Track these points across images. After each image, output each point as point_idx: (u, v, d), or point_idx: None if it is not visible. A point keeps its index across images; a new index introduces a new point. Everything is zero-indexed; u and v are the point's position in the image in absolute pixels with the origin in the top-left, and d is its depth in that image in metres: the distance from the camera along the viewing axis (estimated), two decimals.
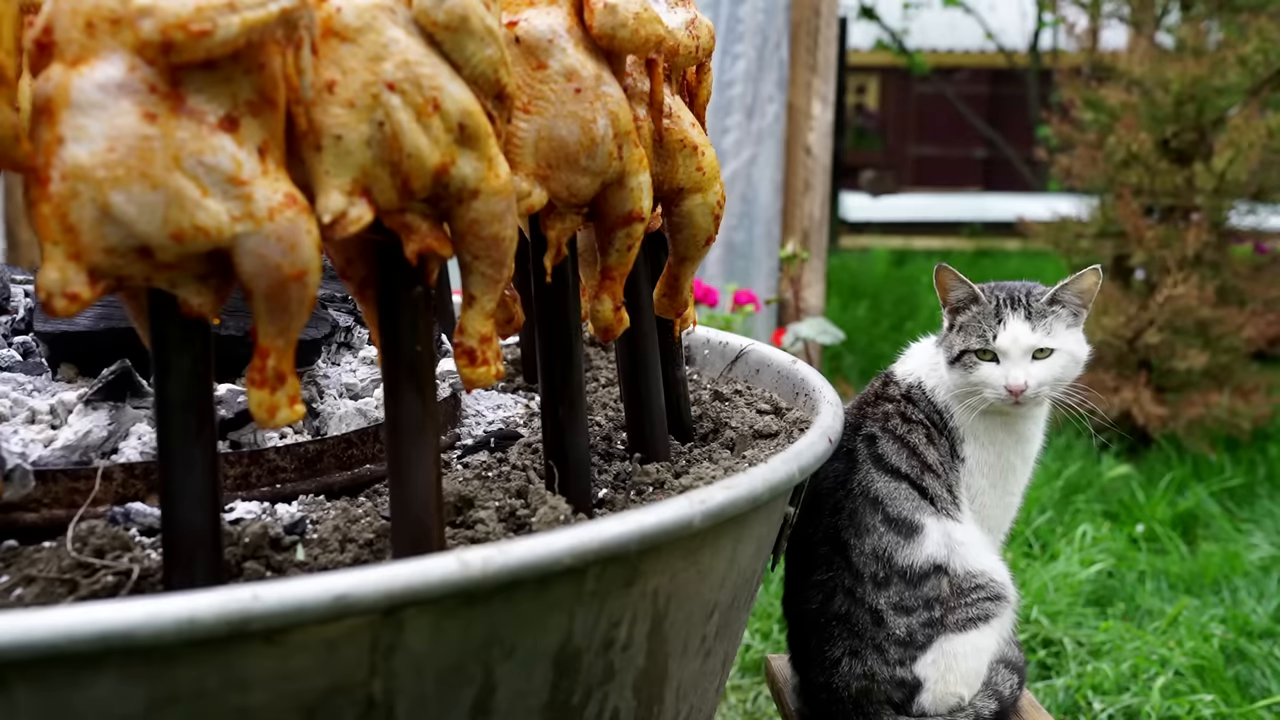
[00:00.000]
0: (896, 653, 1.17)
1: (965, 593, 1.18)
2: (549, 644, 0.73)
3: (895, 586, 1.16)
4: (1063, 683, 2.14)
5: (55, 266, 0.62)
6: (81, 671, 0.57)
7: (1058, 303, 1.19)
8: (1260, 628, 2.36)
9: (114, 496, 0.86)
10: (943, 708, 1.18)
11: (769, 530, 1.03)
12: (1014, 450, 1.23)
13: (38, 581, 0.73)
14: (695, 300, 1.98)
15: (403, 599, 0.62)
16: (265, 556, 0.79)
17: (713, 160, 1.00)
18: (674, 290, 1.07)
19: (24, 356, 1.08)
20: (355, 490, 0.97)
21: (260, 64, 0.65)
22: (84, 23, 0.62)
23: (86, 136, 0.61)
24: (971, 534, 1.21)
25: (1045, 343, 1.17)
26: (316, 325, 1.12)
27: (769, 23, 3.66)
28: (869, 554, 1.17)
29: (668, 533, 0.73)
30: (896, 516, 1.17)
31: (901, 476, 1.19)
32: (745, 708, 2.14)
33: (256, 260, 0.65)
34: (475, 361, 0.78)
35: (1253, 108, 3.61)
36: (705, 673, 0.95)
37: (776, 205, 3.78)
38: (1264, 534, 2.93)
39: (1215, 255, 3.65)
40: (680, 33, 0.96)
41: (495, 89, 0.75)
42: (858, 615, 1.17)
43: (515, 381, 1.36)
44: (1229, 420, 3.53)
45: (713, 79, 1.09)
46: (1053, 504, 3.05)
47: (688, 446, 1.10)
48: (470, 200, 0.73)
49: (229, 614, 0.57)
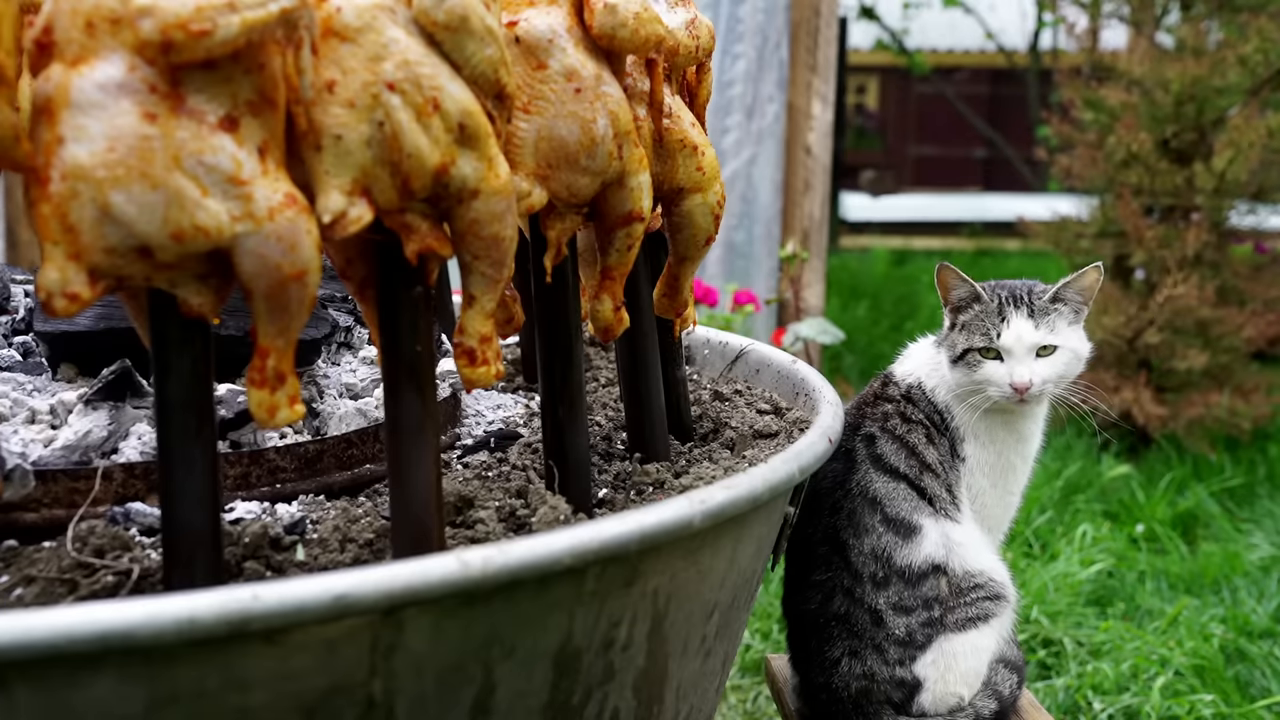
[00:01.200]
0: (896, 653, 1.17)
1: (964, 592, 1.18)
2: (549, 644, 0.73)
3: (894, 586, 1.16)
4: (1063, 683, 2.14)
5: (55, 266, 0.62)
6: (81, 671, 0.57)
7: (1060, 300, 1.19)
8: (1260, 628, 2.36)
9: (114, 496, 0.86)
10: (942, 707, 1.18)
11: (769, 530, 1.03)
12: (1014, 449, 1.23)
13: (38, 581, 0.73)
14: (695, 300, 1.98)
15: (403, 599, 0.62)
16: (265, 556, 0.79)
17: (713, 160, 1.00)
18: (674, 290, 1.07)
19: (24, 356, 1.08)
20: (355, 490, 0.97)
21: (260, 64, 0.65)
22: (84, 23, 0.62)
23: (86, 136, 0.61)
24: (970, 534, 1.21)
25: (1049, 340, 1.17)
26: (316, 325, 1.12)
27: (769, 23, 3.66)
28: (868, 554, 1.17)
29: (668, 533, 0.73)
30: (895, 517, 1.17)
31: (900, 476, 1.19)
32: (745, 708, 2.14)
33: (256, 260, 0.65)
34: (475, 361, 0.78)
35: (1253, 108, 3.61)
36: (705, 673, 0.95)
37: (776, 205, 3.78)
38: (1264, 534, 2.93)
39: (1215, 255, 3.65)
40: (680, 33, 0.96)
41: (495, 89, 0.75)
42: (857, 615, 1.18)
43: (515, 381, 1.36)
44: (1229, 420, 3.53)
45: (713, 79, 1.09)
46: (1053, 504, 3.05)
47: (688, 446, 1.10)
48: (470, 200, 0.73)
49: (229, 614, 0.57)
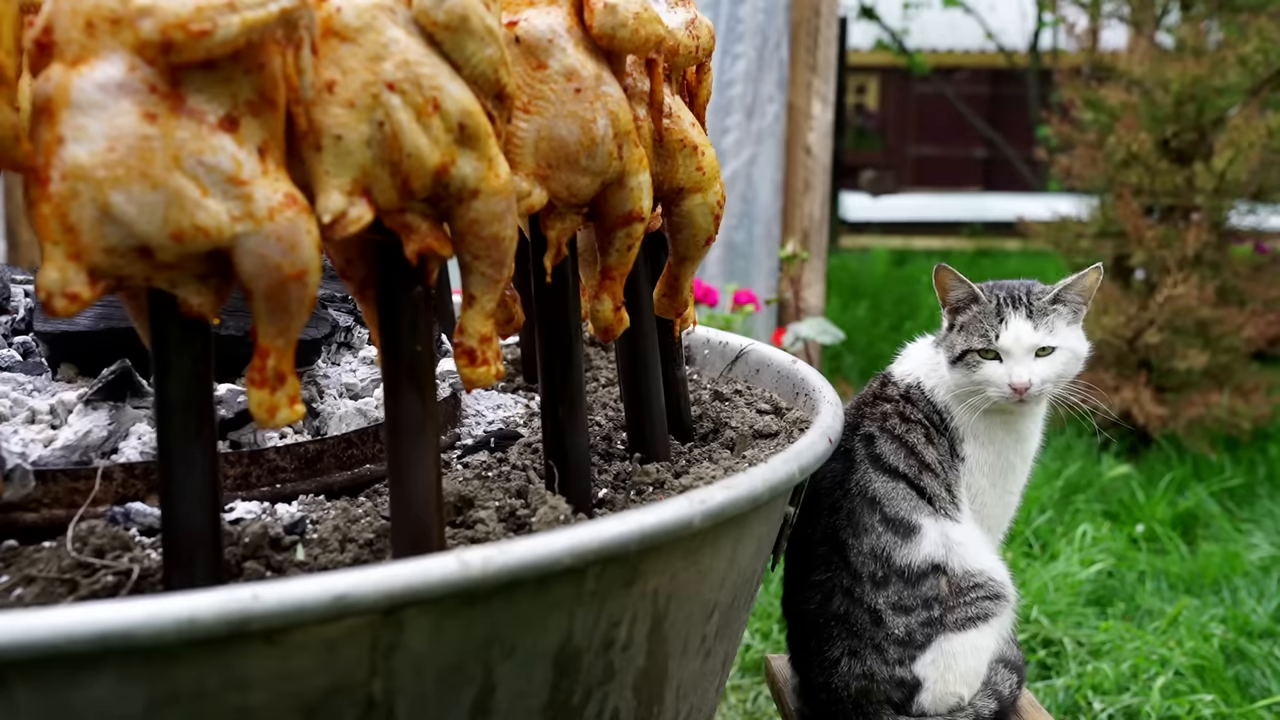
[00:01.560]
0: (896, 652, 1.17)
1: (964, 592, 1.18)
2: (549, 644, 0.73)
3: (894, 586, 1.17)
4: (1063, 683, 2.14)
5: (55, 266, 0.62)
6: (81, 671, 0.57)
7: (1060, 302, 1.19)
8: (1260, 628, 2.36)
9: (114, 496, 0.86)
10: (942, 707, 1.18)
11: (769, 530, 1.03)
12: (1014, 449, 1.23)
13: (38, 581, 0.73)
14: (695, 300, 1.98)
15: (403, 599, 0.62)
16: (265, 556, 0.79)
17: (713, 160, 1.00)
18: (674, 290, 1.07)
19: (24, 356, 1.08)
20: (355, 490, 0.97)
21: (260, 64, 0.65)
22: (84, 23, 0.62)
23: (86, 136, 0.61)
24: (969, 534, 1.21)
25: (1048, 341, 1.17)
26: (316, 325, 1.12)
27: (769, 23, 3.66)
28: (867, 553, 1.17)
29: (668, 533, 0.73)
30: (894, 516, 1.17)
31: (899, 476, 1.19)
32: (745, 708, 2.14)
33: (256, 260, 0.65)
34: (475, 361, 0.78)
35: (1253, 108, 3.61)
36: (705, 673, 0.95)
37: (776, 205, 3.78)
38: (1264, 534, 2.93)
39: (1215, 255, 3.65)
40: (680, 33, 0.96)
41: (495, 89, 0.75)
42: (856, 615, 1.18)
43: (515, 381, 1.36)
44: (1229, 420, 3.53)
45: (713, 79, 1.09)
46: (1053, 504, 3.05)
47: (688, 446, 1.10)
48: (470, 200, 0.73)
49: (229, 614, 0.57)
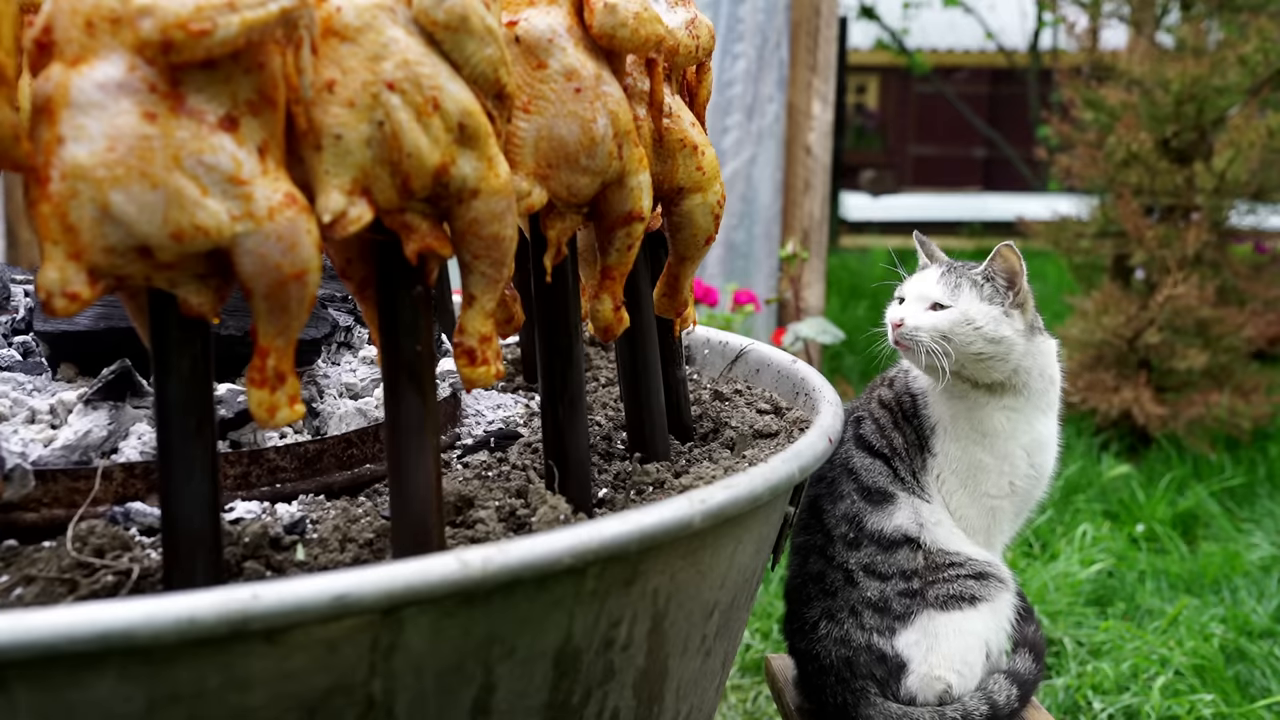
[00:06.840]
0: (872, 618, 1.19)
1: (941, 568, 1.20)
2: (549, 644, 0.73)
3: (866, 549, 1.20)
4: (1063, 683, 2.14)
5: (55, 266, 0.62)
6: (81, 671, 0.57)
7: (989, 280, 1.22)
8: (1260, 628, 2.36)
9: (114, 496, 0.86)
10: (929, 694, 1.18)
11: (769, 530, 1.03)
12: (980, 445, 1.22)
13: (38, 581, 0.73)
14: (695, 300, 1.98)
15: (403, 599, 0.62)
16: (265, 556, 0.79)
17: (713, 160, 1.00)
18: (674, 290, 1.07)
19: (24, 356, 1.08)
20: (355, 490, 0.97)
21: (260, 63, 0.65)
22: (84, 22, 0.62)
23: (86, 136, 0.61)
24: (943, 515, 1.23)
25: (943, 299, 1.21)
26: (316, 325, 1.12)
27: (769, 23, 3.66)
28: (840, 516, 1.22)
29: (668, 532, 0.74)
30: (870, 485, 1.22)
31: (878, 455, 1.24)
32: (745, 708, 2.14)
33: (256, 260, 0.65)
34: (475, 361, 0.78)
35: (1253, 108, 3.61)
36: (705, 672, 0.95)
37: (776, 205, 3.78)
38: (1264, 534, 2.93)
39: (1215, 255, 3.65)
40: (680, 32, 0.96)
41: (495, 88, 0.75)
42: (830, 575, 1.21)
43: (515, 381, 1.36)
44: (1229, 420, 3.53)
45: (713, 79, 1.09)
46: (1053, 504, 3.05)
47: (688, 446, 1.10)
48: (470, 200, 0.73)
49: (229, 614, 0.57)
